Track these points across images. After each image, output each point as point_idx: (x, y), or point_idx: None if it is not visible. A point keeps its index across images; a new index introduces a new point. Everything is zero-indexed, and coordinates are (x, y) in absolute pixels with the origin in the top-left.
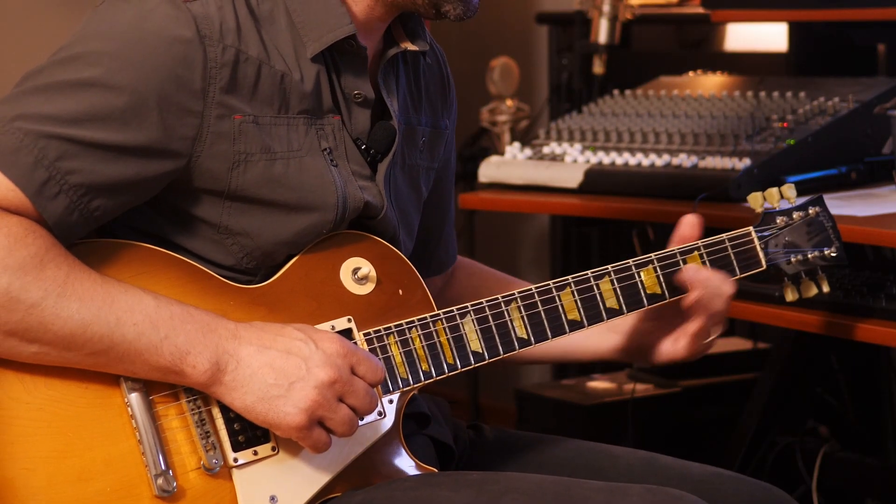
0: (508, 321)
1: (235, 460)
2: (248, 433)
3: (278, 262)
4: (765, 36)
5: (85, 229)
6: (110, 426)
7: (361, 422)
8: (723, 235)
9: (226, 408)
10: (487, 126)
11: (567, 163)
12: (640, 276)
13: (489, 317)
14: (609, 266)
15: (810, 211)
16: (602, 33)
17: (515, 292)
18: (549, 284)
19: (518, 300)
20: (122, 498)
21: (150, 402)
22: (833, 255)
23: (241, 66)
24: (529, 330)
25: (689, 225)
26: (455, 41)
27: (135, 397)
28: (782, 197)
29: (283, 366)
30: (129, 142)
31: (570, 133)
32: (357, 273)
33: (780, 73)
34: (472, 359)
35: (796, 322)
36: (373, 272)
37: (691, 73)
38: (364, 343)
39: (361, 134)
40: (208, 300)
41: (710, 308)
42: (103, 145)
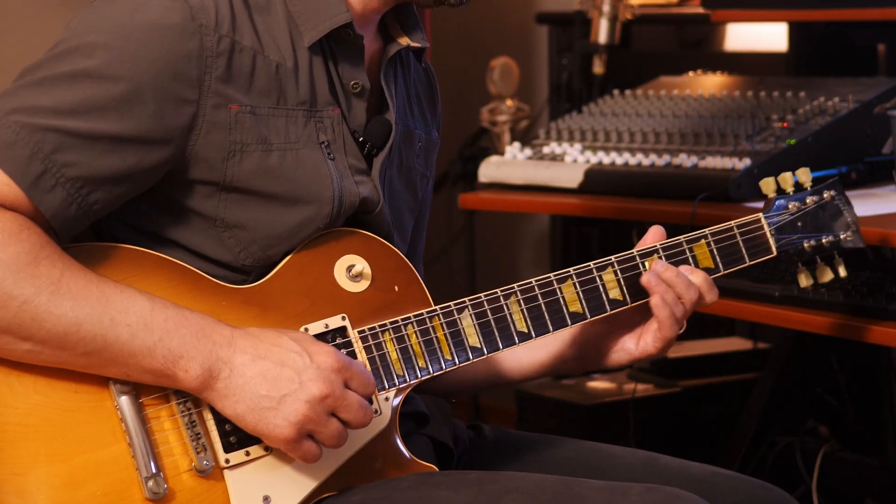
0: (508, 315)
1: (227, 461)
2: (240, 434)
3: (275, 261)
4: (765, 36)
5: (84, 223)
6: (100, 429)
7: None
8: (731, 223)
9: None
10: (487, 126)
11: (567, 163)
12: (644, 267)
13: (487, 311)
14: (612, 257)
15: (825, 195)
16: (602, 33)
17: (515, 286)
18: (549, 277)
19: (517, 294)
20: (113, 502)
21: (139, 405)
22: (849, 240)
23: (236, 55)
24: (530, 323)
25: (657, 232)
26: (455, 41)
27: (125, 400)
28: (798, 181)
29: (276, 377)
30: (126, 132)
31: (570, 133)
32: (351, 270)
33: (780, 73)
34: (470, 354)
35: (796, 322)
36: (367, 269)
37: (691, 73)
38: (359, 340)
39: (358, 127)
40: (200, 301)
41: (675, 308)
42: (100, 136)
